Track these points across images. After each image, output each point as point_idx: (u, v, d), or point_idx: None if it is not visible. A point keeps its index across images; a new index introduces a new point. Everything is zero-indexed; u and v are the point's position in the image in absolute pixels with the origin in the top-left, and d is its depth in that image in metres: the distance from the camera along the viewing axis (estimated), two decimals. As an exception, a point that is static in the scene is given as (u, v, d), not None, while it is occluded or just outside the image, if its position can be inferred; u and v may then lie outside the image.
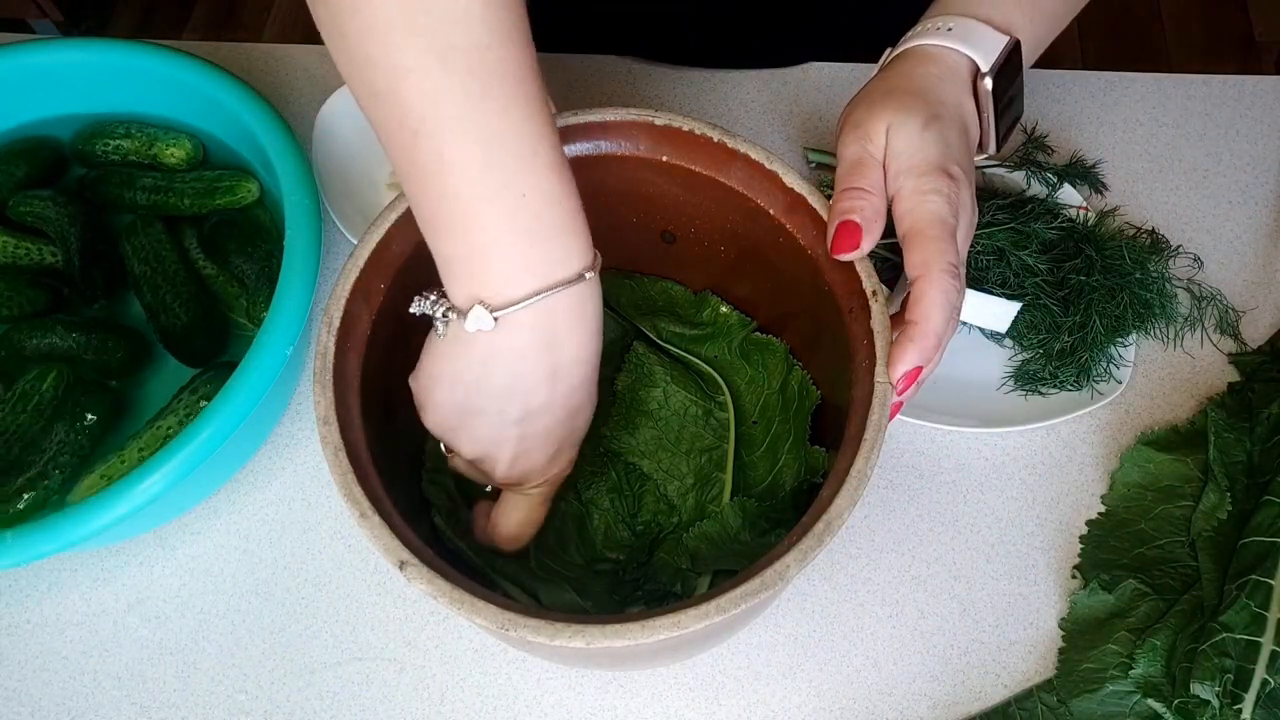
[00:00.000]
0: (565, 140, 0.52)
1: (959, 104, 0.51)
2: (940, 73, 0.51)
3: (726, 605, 0.40)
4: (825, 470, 0.54)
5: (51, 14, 1.90)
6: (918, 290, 0.45)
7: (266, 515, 0.66)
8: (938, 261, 0.45)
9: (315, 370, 0.46)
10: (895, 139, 0.48)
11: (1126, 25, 1.90)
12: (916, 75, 0.51)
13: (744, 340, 0.60)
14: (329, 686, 0.61)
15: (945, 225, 0.46)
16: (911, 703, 0.60)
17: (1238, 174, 0.76)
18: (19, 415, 0.63)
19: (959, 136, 0.50)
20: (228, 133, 0.72)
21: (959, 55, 0.51)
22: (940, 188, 0.46)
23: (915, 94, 0.50)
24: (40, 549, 0.54)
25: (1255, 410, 0.64)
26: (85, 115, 0.74)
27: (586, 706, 0.60)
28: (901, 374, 0.45)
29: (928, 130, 0.48)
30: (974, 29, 0.52)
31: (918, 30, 0.53)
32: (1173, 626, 0.57)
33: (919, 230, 0.46)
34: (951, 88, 0.51)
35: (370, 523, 0.43)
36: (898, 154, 0.48)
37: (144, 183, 0.71)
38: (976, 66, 0.51)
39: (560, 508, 0.57)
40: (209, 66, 0.69)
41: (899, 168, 0.48)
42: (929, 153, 0.47)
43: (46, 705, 0.61)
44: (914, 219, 0.46)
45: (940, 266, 0.45)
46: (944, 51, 0.52)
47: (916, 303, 0.45)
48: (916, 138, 0.48)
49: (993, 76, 0.51)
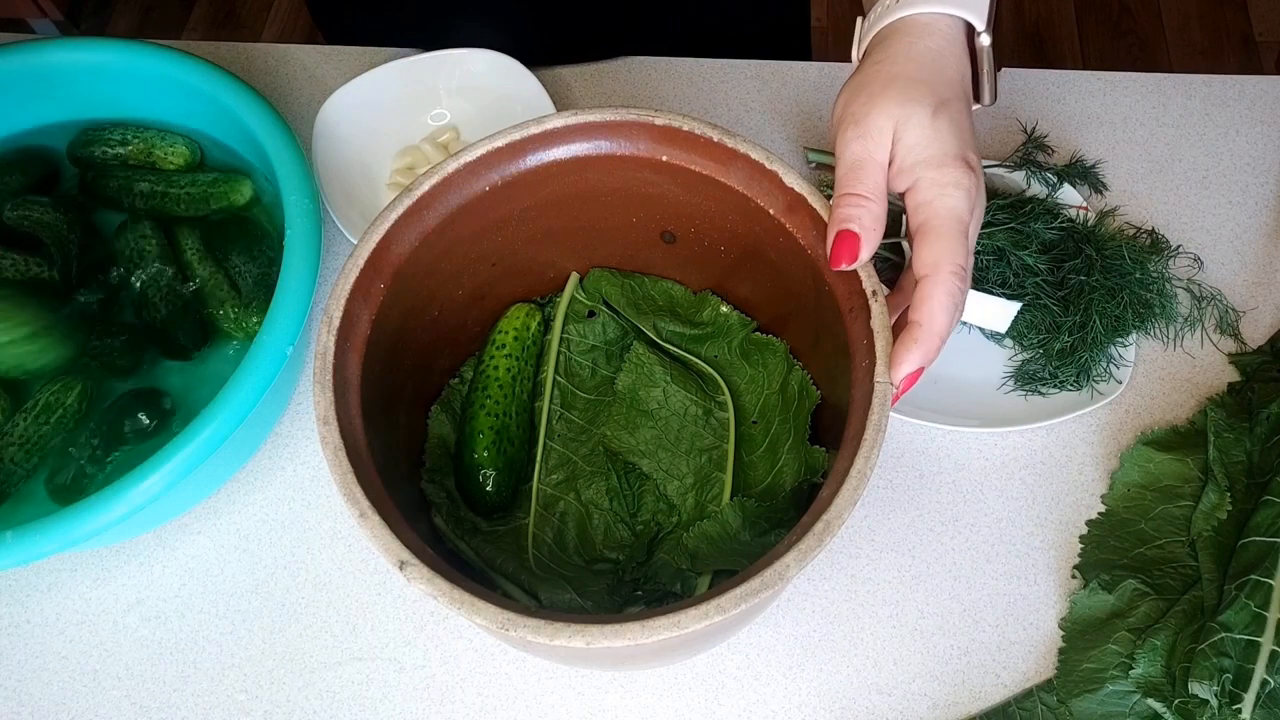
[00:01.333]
0: (565, 140, 0.53)
1: (963, 77, 0.49)
2: (938, 46, 0.49)
3: (726, 605, 0.40)
4: (825, 470, 0.54)
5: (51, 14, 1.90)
6: (924, 290, 0.45)
7: (266, 515, 0.66)
8: (947, 262, 0.44)
9: (315, 370, 0.46)
10: (906, 133, 0.47)
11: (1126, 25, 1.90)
12: (916, 54, 0.49)
13: (744, 340, 0.60)
14: (329, 686, 0.61)
15: (960, 223, 0.45)
16: (911, 703, 0.60)
17: (1238, 174, 0.76)
18: (41, 426, 0.63)
19: (967, 116, 0.48)
20: (227, 133, 0.72)
21: (951, 19, 0.49)
22: (960, 180, 0.45)
23: (919, 80, 0.48)
24: (40, 549, 0.54)
25: (1255, 410, 0.64)
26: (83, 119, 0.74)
27: (586, 706, 0.60)
28: (905, 375, 0.44)
29: (939, 118, 0.46)
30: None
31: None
32: (1173, 626, 0.57)
33: (933, 227, 0.45)
34: (953, 60, 0.49)
35: (370, 523, 0.43)
36: (911, 147, 0.46)
37: (140, 188, 0.71)
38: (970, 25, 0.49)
39: (560, 508, 0.58)
40: (209, 67, 0.69)
41: (914, 159, 0.46)
42: (946, 143, 0.46)
43: (46, 705, 0.61)
44: (929, 213, 0.45)
45: (949, 268, 0.44)
46: (936, 19, 0.49)
47: (922, 303, 0.45)
48: (929, 128, 0.46)
49: (989, 32, 0.49)
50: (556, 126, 0.52)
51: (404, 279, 0.52)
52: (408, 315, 0.53)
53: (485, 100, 0.77)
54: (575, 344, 0.62)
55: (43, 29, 1.93)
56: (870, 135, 0.47)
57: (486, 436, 0.56)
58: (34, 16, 1.91)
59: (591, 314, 0.62)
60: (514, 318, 0.61)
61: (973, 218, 0.46)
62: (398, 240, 0.51)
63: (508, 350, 0.59)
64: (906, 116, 0.47)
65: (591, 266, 0.63)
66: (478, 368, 0.60)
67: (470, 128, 0.78)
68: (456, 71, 0.77)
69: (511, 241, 0.57)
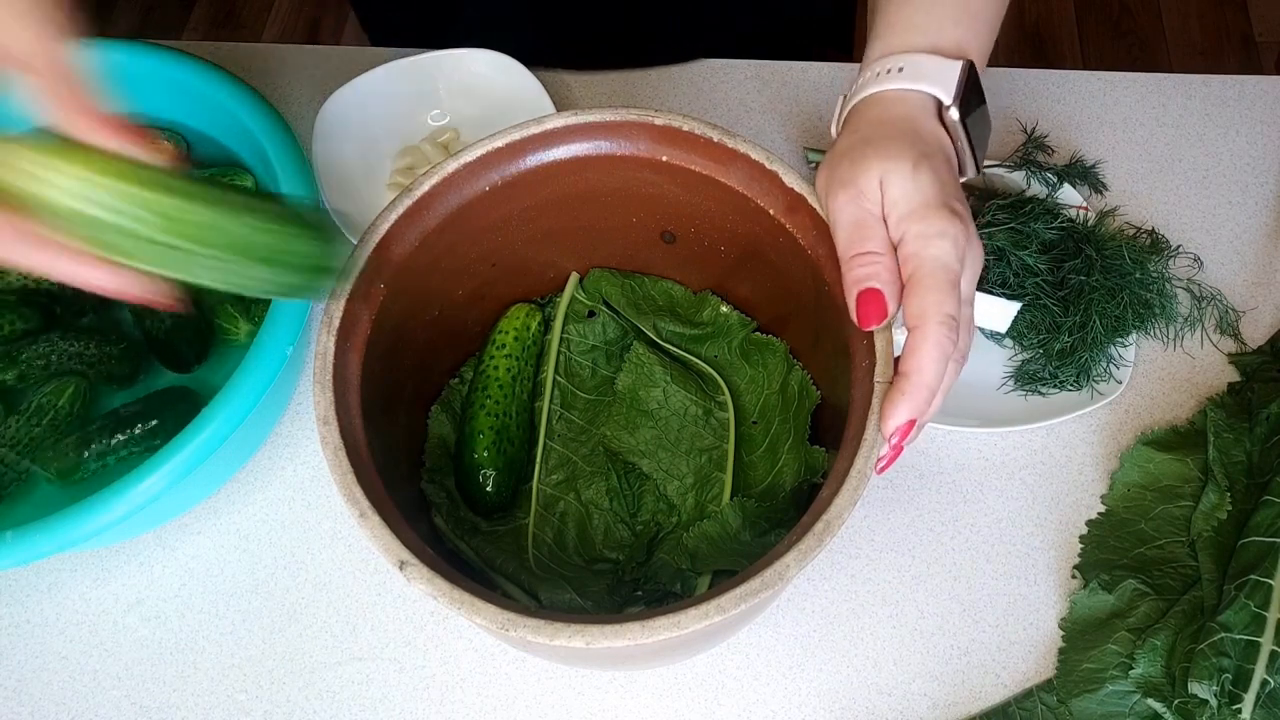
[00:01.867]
0: (565, 140, 0.53)
1: (939, 138, 0.50)
2: (910, 113, 0.50)
3: (726, 605, 0.40)
4: (825, 470, 0.54)
5: (51, 14, 1.90)
6: (912, 341, 0.45)
7: (266, 515, 0.66)
8: (935, 313, 0.44)
9: (315, 370, 0.46)
10: (890, 188, 0.47)
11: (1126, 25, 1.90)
12: (889, 119, 0.50)
13: (744, 340, 0.60)
14: (329, 686, 0.61)
15: (948, 272, 0.45)
16: (911, 703, 0.60)
17: (1238, 174, 0.76)
18: (33, 428, 0.63)
19: (949, 171, 0.49)
20: (227, 133, 0.72)
21: (920, 95, 0.51)
22: (946, 230, 0.45)
23: (897, 138, 0.48)
24: (40, 549, 0.54)
25: (1255, 410, 0.64)
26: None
27: (586, 706, 0.60)
28: (894, 427, 0.44)
29: (920, 171, 0.47)
30: (924, 64, 0.51)
31: (868, 77, 0.52)
32: (1173, 626, 0.57)
33: (919, 279, 0.45)
34: (927, 125, 0.50)
35: (370, 523, 0.43)
36: (896, 201, 0.47)
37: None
38: (939, 101, 0.51)
39: (560, 508, 0.58)
40: (209, 67, 0.69)
41: (899, 214, 0.46)
42: (928, 193, 0.46)
43: (46, 705, 0.61)
44: (916, 264, 0.45)
45: (937, 319, 0.44)
46: (904, 94, 0.51)
47: (910, 354, 0.44)
48: (910, 181, 0.46)
49: (958, 106, 0.50)
50: (556, 127, 0.52)
51: (404, 279, 0.52)
52: (408, 315, 0.54)
53: (485, 100, 0.77)
54: (575, 344, 0.62)
55: (43, 29, 1.93)
56: (864, 195, 0.47)
57: (486, 436, 0.56)
58: (34, 16, 1.90)
59: (591, 314, 0.62)
60: (514, 318, 0.61)
61: (965, 266, 0.46)
62: (398, 240, 0.51)
63: (508, 350, 0.59)
64: (889, 171, 0.47)
65: (591, 266, 0.63)
66: (478, 368, 0.60)
67: (470, 128, 0.78)
68: (456, 71, 0.77)
69: (511, 241, 0.57)
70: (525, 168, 0.53)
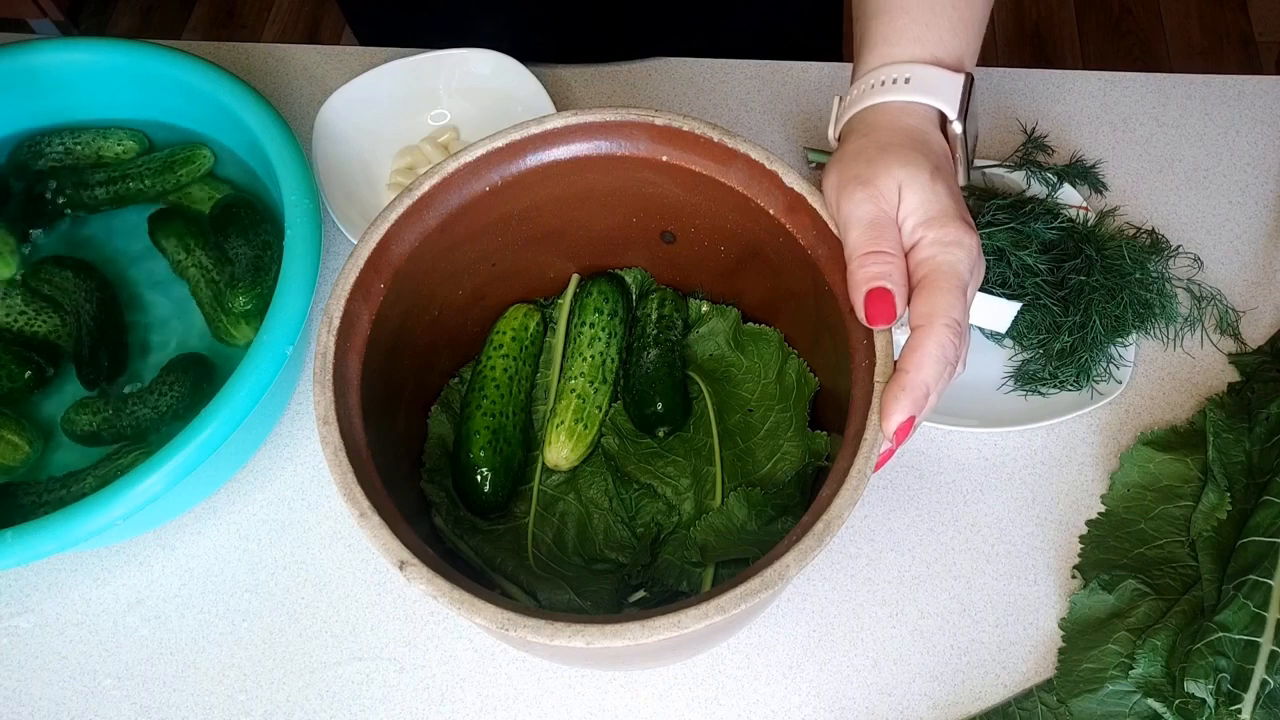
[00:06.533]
0: (565, 140, 0.53)
1: (945, 150, 0.51)
2: (919, 125, 0.51)
3: (726, 605, 0.40)
4: (829, 454, 0.54)
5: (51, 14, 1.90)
6: (915, 339, 0.45)
7: (266, 515, 0.66)
8: (942, 315, 0.45)
9: (315, 370, 0.46)
10: (908, 194, 0.48)
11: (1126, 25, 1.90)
12: (901, 129, 0.51)
13: (734, 331, 0.61)
14: (329, 686, 0.61)
15: (959, 280, 0.46)
16: (911, 703, 0.60)
17: (1238, 174, 0.76)
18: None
19: (956, 185, 0.50)
20: (227, 133, 0.72)
21: (925, 107, 0.51)
22: (962, 240, 0.46)
23: (912, 147, 0.49)
24: (40, 549, 0.54)
25: (1255, 410, 0.64)
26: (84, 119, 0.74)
27: (586, 706, 0.60)
28: (896, 425, 0.45)
29: (936, 181, 0.48)
30: (930, 77, 0.52)
31: (869, 85, 0.53)
32: (1173, 626, 0.57)
33: (932, 281, 0.46)
34: (934, 138, 0.51)
35: (370, 523, 0.43)
36: (914, 208, 0.47)
37: (97, 177, 0.71)
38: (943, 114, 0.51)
39: (560, 508, 0.58)
40: (209, 67, 0.69)
41: (916, 220, 0.47)
42: (945, 203, 0.47)
43: (46, 705, 0.61)
44: (930, 268, 0.46)
45: (944, 320, 0.45)
46: (911, 106, 0.51)
47: (912, 351, 0.45)
48: (929, 190, 0.47)
49: (961, 120, 0.51)
50: (556, 126, 0.52)
51: (404, 279, 0.52)
52: (408, 315, 0.54)
53: (485, 100, 0.77)
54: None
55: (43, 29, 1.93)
56: (881, 195, 0.48)
57: (483, 436, 0.56)
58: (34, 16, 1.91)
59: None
60: (512, 318, 0.61)
61: (972, 278, 0.47)
62: (398, 240, 0.51)
63: (505, 351, 0.59)
64: (909, 179, 0.48)
65: (591, 266, 0.63)
66: (475, 368, 0.60)
67: (470, 128, 0.78)
68: (456, 71, 0.77)
69: (511, 241, 0.57)
70: (525, 168, 0.53)
